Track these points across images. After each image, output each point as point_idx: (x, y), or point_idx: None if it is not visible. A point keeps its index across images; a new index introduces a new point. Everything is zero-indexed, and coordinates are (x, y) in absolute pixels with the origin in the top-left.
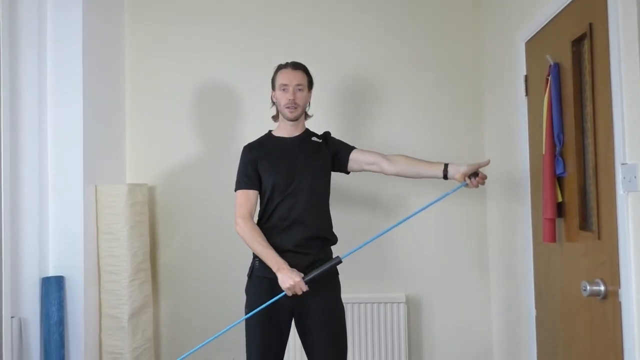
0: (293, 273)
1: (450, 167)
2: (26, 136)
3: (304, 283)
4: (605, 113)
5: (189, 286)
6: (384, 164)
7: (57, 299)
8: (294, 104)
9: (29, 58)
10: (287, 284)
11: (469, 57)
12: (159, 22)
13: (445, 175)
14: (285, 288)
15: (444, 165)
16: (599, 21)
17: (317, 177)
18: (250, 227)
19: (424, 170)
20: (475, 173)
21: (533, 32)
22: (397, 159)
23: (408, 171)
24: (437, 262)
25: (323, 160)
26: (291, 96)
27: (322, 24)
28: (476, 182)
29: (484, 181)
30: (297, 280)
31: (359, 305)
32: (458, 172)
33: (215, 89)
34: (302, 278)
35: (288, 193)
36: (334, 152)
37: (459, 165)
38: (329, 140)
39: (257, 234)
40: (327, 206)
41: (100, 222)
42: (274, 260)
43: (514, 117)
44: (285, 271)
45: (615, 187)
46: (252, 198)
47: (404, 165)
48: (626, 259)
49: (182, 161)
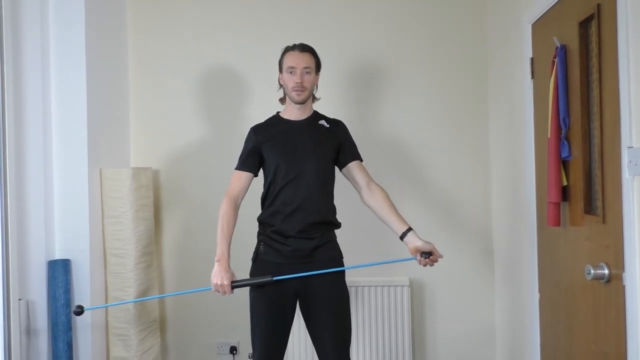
0: (226, 273)
1: (410, 234)
2: (30, 120)
3: (230, 288)
4: (612, 96)
5: (193, 269)
6: (364, 192)
7: (64, 281)
8: (301, 87)
9: (32, 42)
10: (215, 280)
11: (475, 39)
12: (163, 2)
13: (402, 238)
14: (212, 284)
15: (407, 228)
16: (607, 2)
17: (322, 162)
18: (225, 209)
19: (389, 222)
20: (429, 253)
21: (540, 14)
22: (376, 197)
23: (378, 213)
24: (440, 246)
25: (329, 146)
26: (298, 79)
27: (331, 5)
28: (425, 261)
29: (433, 264)
30: (225, 283)
31: (363, 288)
32: (413, 244)
33: (221, 71)
34: (230, 282)
35: (291, 177)
36: (339, 145)
37: (418, 238)
38: (340, 131)
39: (226, 218)
40: (331, 191)
41: (105, 206)
42: (220, 250)
43: (520, 100)
44: (220, 267)
45: (620, 170)
46: (244, 180)
47: (377, 207)
48: (631, 243)
49: (187, 145)
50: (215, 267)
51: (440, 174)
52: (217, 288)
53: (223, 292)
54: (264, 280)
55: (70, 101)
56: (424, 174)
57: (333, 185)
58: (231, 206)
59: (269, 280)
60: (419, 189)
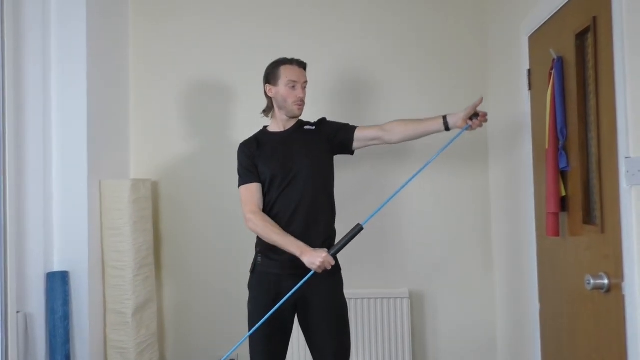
0: (317, 251)
1: (449, 117)
2: (31, 132)
3: (331, 257)
4: (609, 107)
5: (192, 281)
6: (385, 137)
7: (62, 294)
8: (302, 101)
9: (34, 54)
10: (317, 262)
11: (473, 51)
12: (162, 18)
13: (447, 126)
14: (315, 267)
15: (442, 118)
16: (603, 14)
17: (315, 166)
18: (262, 219)
19: (425, 129)
20: (475, 114)
21: (536, 26)
22: (396, 127)
23: (411, 135)
24: (440, 257)
25: (320, 147)
26: (301, 94)
27: (330, 18)
28: (478, 121)
29: (486, 118)
30: (324, 255)
31: (362, 300)
32: (459, 119)
33: (219, 85)
34: (327, 252)
35: (286, 185)
36: (331, 135)
37: (456, 113)
38: (324, 126)
39: (271, 224)
40: (330, 193)
41: (104, 217)
42: (295, 246)
43: (518, 111)
44: (309, 253)
45: (618, 180)
46: (256, 191)
47: (405, 131)
48: (630, 253)
49: (186, 156)
50: (306, 257)
51: (439, 185)
52: (323, 266)
53: (329, 265)
54: (355, 232)
55: (70, 112)
56: (422, 186)
57: (332, 187)
58: (262, 215)
59: (359, 229)
60: (417, 200)
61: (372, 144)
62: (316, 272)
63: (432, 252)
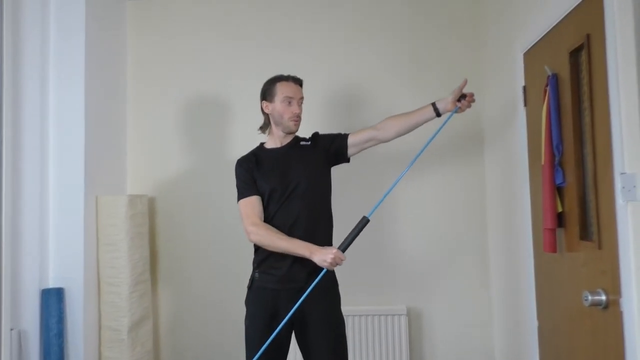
0: (327, 249)
1: (438, 103)
2: (28, 147)
3: (342, 253)
4: (604, 123)
5: (189, 298)
6: (381, 134)
7: (57, 310)
8: (298, 117)
9: (32, 69)
10: (328, 260)
11: (469, 68)
12: (160, 34)
13: (437, 112)
14: (326, 265)
15: (432, 105)
16: (596, 32)
17: (312, 180)
18: (265, 228)
19: (418, 119)
20: (462, 95)
21: (531, 43)
22: (389, 123)
23: (405, 127)
24: (438, 274)
25: (317, 161)
26: (297, 110)
27: (323, 38)
28: (467, 102)
29: (473, 98)
30: (334, 251)
31: (360, 317)
32: (448, 103)
33: (216, 101)
34: (337, 248)
35: (284, 200)
36: (326, 147)
37: (444, 98)
38: (319, 140)
39: (274, 232)
40: (328, 209)
41: (101, 233)
42: (303, 247)
43: (513, 127)
44: (319, 252)
45: (614, 196)
46: (257, 203)
47: (399, 125)
48: (627, 269)
49: (183, 172)
50: (316, 257)
51: (436, 202)
52: (334, 262)
53: (340, 260)
54: (362, 224)
55: (68, 128)
56: (419, 202)
57: (330, 198)
58: (264, 224)
59: (366, 221)
60: (414, 217)
61: (368, 145)
62: (328, 269)
63: (429, 269)
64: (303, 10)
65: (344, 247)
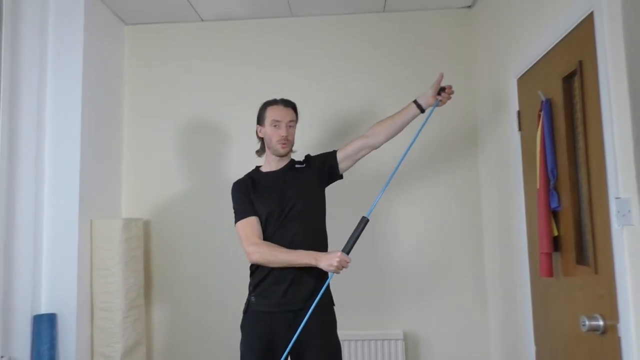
0: (331, 254)
1: (419, 100)
2: (23, 170)
3: (346, 255)
4: (598, 148)
5: (183, 323)
6: (371, 141)
7: (49, 337)
8: (286, 140)
9: (29, 92)
10: (335, 263)
11: (464, 92)
12: (157, 59)
13: (421, 107)
14: (333, 269)
15: (414, 103)
16: (588, 59)
17: (308, 201)
18: (266, 245)
19: (404, 118)
20: (441, 89)
21: (525, 69)
22: (376, 129)
23: (393, 129)
24: (435, 298)
25: (312, 182)
26: (284, 132)
27: (314, 65)
28: (447, 94)
29: (452, 90)
30: (339, 254)
31: (356, 342)
32: (428, 97)
33: (210, 125)
34: (342, 253)
35: (281, 222)
36: (320, 167)
37: (424, 94)
38: (312, 161)
39: (275, 247)
40: (323, 228)
41: (95, 258)
42: (307, 256)
43: (508, 152)
44: (324, 257)
45: (610, 220)
46: (255, 224)
47: (387, 128)
48: (624, 293)
49: (178, 195)
50: (322, 263)
51: (433, 226)
52: (341, 266)
53: (346, 263)
54: (363, 225)
55: (63, 151)
56: (415, 227)
57: (325, 218)
58: (264, 242)
59: (366, 221)
60: (410, 241)
61: (360, 155)
62: (335, 273)
63: (426, 293)
64: (298, 35)
65: (348, 250)
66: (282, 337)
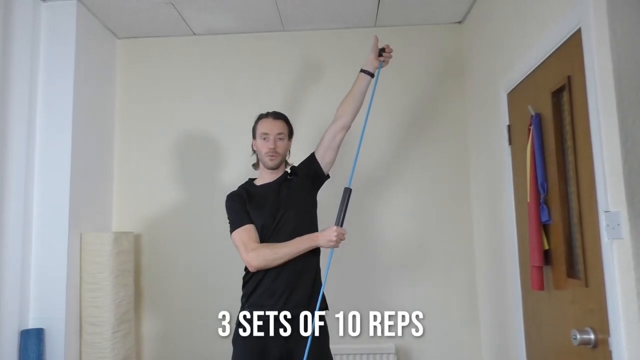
0: (327, 230)
1: (365, 67)
2: (13, 182)
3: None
4: (587, 162)
5: (174, 338)
6: (340, 123)
7: (36, 352)
8: (274, 152)
9: (19, 106)
10: (333, 237)
11: (454, 107)
12: (149, 72)
13: (369, 73)
14: (333, 244)
15: (362, 72)
16: (576, 74)
17: (301, 211)
18: (264, 247)
19: (360, 89)
20: (381, 50)
21: (515, 84)
22: (341, 110)
23: (355, 103)
24: (426, 312)
25: (303, 192)
26: (272, 145)
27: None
28: (387, 54)
29: (390, 48)
30: (335, 228)
31: (348, 356)
32: (372, 61)
33: (201, 139)
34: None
35: (276, 231)
36: (307, 174)
37: (366, 61)
38: (298, 169)
39: (273, 245)
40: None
41: (84, 271)
42: (305, 240)
43: (499, 166)
44: (321, 236)
45: (599, 234)
46: (252, 230)
47: (350, 105)
48: (614, 307)
49: (169, 209)
50: (320, 238)
51: (424, 239)
52: (339, 238)
53: (342, 236)
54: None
55: (54, 164)
56: (408, 240)
57: (316, 225)
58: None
59: (349, 191)
60: (402, 255)
61: (338, 141)
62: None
63: (418, 307)
64: (290, 50)
65: (340, 222)
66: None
